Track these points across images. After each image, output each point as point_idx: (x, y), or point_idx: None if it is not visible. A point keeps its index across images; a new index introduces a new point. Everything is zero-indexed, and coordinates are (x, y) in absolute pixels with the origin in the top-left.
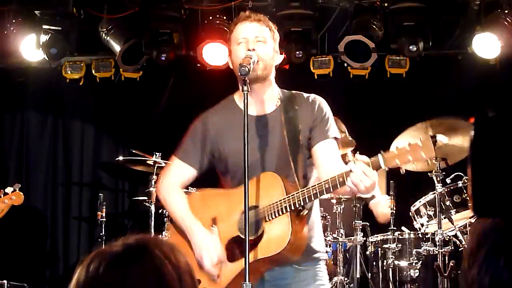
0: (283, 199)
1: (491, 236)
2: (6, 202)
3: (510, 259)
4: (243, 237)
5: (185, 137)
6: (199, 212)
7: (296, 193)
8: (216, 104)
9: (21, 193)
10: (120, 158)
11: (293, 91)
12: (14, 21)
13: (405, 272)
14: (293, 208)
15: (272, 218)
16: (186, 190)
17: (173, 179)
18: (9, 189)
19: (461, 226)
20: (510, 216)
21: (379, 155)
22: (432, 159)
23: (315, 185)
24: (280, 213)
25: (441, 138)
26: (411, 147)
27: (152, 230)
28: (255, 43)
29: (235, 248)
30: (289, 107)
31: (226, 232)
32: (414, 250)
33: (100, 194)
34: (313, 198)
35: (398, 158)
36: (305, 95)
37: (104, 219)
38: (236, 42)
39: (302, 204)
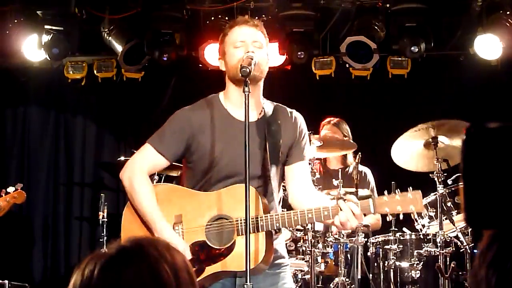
0: (261, 217)
1: (499, 238)
2: (8, 200)
3: None
4: (211, 245)
5: (163, 126)
6: (163, 206)
7: (276, 215)
8: (199, 101)
9: (23, 191)
10: (122, 158)
11: (276, 103)
12: (16, 21)
13: (406, 273)
14: (269, 229)
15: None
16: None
17: (144, 166)
18: (10, 189)
19: (462, 227)
20: (502, 227)
21: (370, 199)
22: (421, 213)
23: (297, 212)
24: (256, 230)
25: (443, 139)
26: (401, 198)
27: None
28: (254, 47)
29: (199, 252)
30: (272, 120)
31: (190, 234)
32: (416, 251)
33: (101, 194)
34: (293, 224)
35: (388, 206)
36: (288, 110)
37: (106, 219)
38: (232, 44)
39: (280, 227)
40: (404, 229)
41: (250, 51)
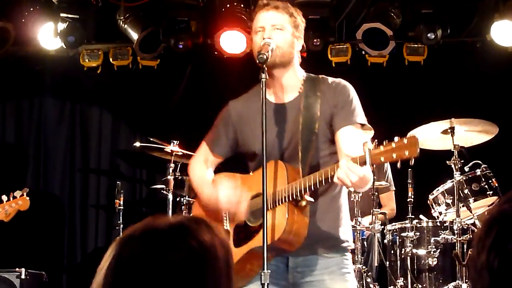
0: (283, 189)
1: (498, 221)
2: (13, 206)
3: None
4: (248, 223)
5: (215, 122)
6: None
7: (294, 184)
8: (251, 89)
9: (27, 198)
10: (137, 145)
11: (320, 76)
12: (31, 9)
13: (423, 261)
14: (290, 199)
15: (273, 207)
16: None
17: (200, 159)
18: (17, 193)
19: (479, 214)
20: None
21: (366, 151)
22: (415, 157)
23: (310, 177)
24: (280, 203)
25: (460, 128)
26: (397, 145)
27: None
28: (272, 31)
29: (240, 233)
30: (310, 93)
31: (236, 216)
32: (432, 238)
33: (117, 182)
34: (307, 190)
35: (383, 155)
36: (330, 80)
37: (122, 207)
38: (254, 31)
39: (297, 195)
40: (421, 216)
41: (266, 37)
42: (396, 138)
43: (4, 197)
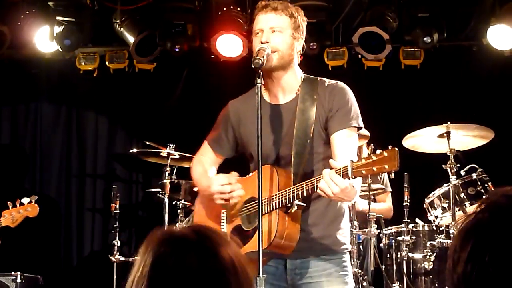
0: (274, 195)
1: (474, 232)
2: (21, 212)
3: (495, 255)
4: (243, 227)
5: (216, 122)
6: None
7: (284, 192)
8: (250, 90)
9: (36, 205)
10: (134, 150)
11: (318, 78)
12: (27, 12)
13: (419, 265)
14: (279, 205)
15: (266, 213)
16: None
17: (201, 159)
18: (25, 200)
19: None
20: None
21: (348, 163)
22: (395, 170)
23: (298, 185)
24: (271, 208)
25: (456, 132)
26: (377, 158)
27: (166, 222)
28: (270, 34)
29: (236, 237)
30: (307, 96)
31: (232, 218)
32: (428, 242)
33: (113, 186)
34: (295, 198)
35: (364, 168)
36: (327, 82)
37: (118, 211)
38: (254, 34)
39: (286, 202)
40: (417, 220)
41: (264, 41)
42: (378, 151)
43: (9, 203)
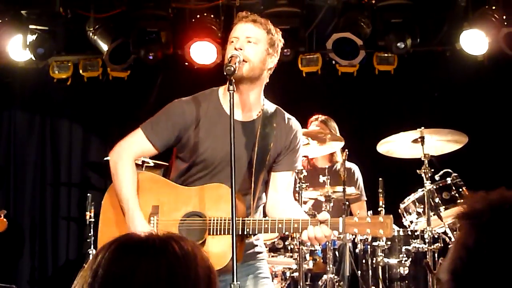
0: (247, 220)
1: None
2: None
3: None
4: None
5: (158, 114)
6: (142, 193)
7: (247, 221)
8: (198, 93)
9: (4, 219)
10: (109, 158)
11: (277, 106)
12: (0, 21)
13: (394, 270)
14: (240, 233)
15: (216, 234)
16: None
17: (131, 151)
18: None
19: (450, 223)
20: None
21: (340, 218)
22: (389, 236)
23: (268, 220)
24: (226, 232)
25: (430, 137)
26: (372, 221)
27: None
28: (245, 43)
29: None
30: (267, 122)
31: (164, 226)
32: (404, 247)
33: (88, 194)
34: (263, 232)
35: (357, 228)
36: (286, 116)
37: (93, 219)
38: (229, 41)
39: (250, 233)
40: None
41: (236, 48)
42: (370, 213)
43: None
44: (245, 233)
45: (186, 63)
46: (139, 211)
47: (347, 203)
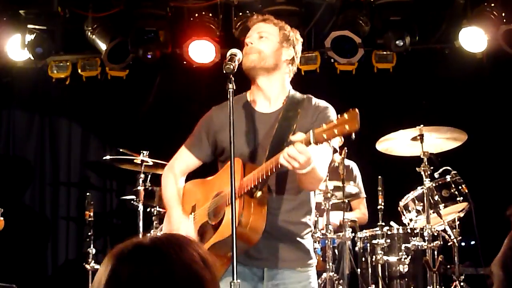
0: (241, 183)
1: None
2: None
3: None
4: (210, 222)
5: (195, 127)
6: (186, 200)
7: (247, 177)
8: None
9: (1, 218)
10: (108, 157)
11: (306, 95)
12: None
13: (394, 268)
14: (244, 191)
15: (230, 204)
16: None
17: (176, 165)
18: None
19: (449, 221)
20: None
21: (310, 131)
22: (356, 131)
23: (262, 166)
24: (236, 196)
25: (429, 135)
26: (338, 121)
27: (141, 229)
28: (257, 39)
29: (203, 232)
30: (291, 107)
31: (200, 217)
32: (403, 245)
33: (87, 194)
34: (260, 180)
35: (325, 133)
36: (314, 100)
37: (92, 219)
38: (244, 44)
39: (252, 186)
40: (392, 223)
41: (248, 42)
42: (338, 115)
43: None
44: (250, 187)
45: (185, 62)
46: (178, 208)
47: (346, 200)
